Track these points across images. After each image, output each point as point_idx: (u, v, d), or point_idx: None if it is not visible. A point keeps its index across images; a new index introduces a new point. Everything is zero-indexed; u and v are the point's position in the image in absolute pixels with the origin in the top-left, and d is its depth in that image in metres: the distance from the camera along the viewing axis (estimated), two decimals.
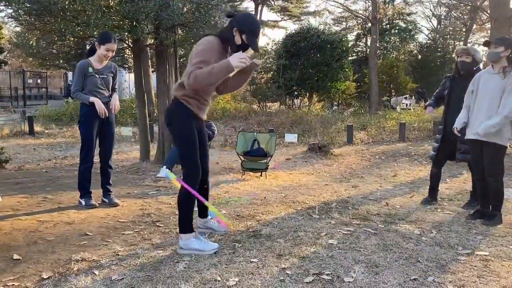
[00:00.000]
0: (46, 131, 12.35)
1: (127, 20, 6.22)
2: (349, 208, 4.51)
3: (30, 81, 25.00)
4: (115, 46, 4.43)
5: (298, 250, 3.15)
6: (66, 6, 5.90)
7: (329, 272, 2.77)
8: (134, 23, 6.08)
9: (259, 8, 29.95)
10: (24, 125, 11.96)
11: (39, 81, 25.89)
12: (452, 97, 4.48)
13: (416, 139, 10.40)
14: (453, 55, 4.85)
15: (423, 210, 4.50)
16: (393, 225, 3.89)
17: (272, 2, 30.38)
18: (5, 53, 26.68)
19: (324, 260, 2.98)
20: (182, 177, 3.16)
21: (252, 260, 2.96)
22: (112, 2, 6.25)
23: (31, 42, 7.01)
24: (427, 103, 4.85)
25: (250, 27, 3.00)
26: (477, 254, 3.17)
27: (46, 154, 8.66)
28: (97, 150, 4.55)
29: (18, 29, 10.35)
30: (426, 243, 3.39)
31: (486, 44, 4.13)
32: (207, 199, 3.47)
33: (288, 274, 2.74)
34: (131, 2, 5.97)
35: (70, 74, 21.82)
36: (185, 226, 3.18)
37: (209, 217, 3.56)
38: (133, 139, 10.61)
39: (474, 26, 25.42)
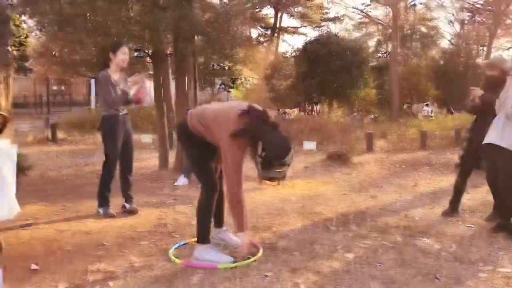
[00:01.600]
0: (69, 138, 12.57)
1: (147, 30, 6.30)
2: (367, 219, 4.44)
3: (54, 87, 25.55)
4: (127, 49, 4.55)
5: (314, 264, 3.12)
6: (88, 17, 6.02)
7: None
8: (154, 33, 6.15)
9: (279, 14, 29.98)
10: (48, 132, 12.23)
11: (63, 87, 26.45)
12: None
13: (437, 147, 10.21)
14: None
15: (444, 222, 4.39)
16: (412, 238, 3.81)
17: (292, 9, 30.36)
18: (31, 60, 27.34)
19: (340, 275, 2.94)
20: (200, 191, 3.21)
21: (266, 274, 2.94)
22: (132, 13, 6.34)
23: (54, 52, 7.17)
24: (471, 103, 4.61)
25: (274, 154, 2.99)
26: (499, 271, 3.08)
27: (68, 161, 8.80)
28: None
29: (43, 38, 10.63)
30: (445, 259, 3.31)
31: None
32: (223, 207, 3.48)
33: None
34: (151, 13, 6.05)
35: (93, 81, 22.19)
36: (203, 236, 3.20)
37: (224, 228, 3.57)
38: (152, 146, 10.70)
39: (499, 31, 24.88)
